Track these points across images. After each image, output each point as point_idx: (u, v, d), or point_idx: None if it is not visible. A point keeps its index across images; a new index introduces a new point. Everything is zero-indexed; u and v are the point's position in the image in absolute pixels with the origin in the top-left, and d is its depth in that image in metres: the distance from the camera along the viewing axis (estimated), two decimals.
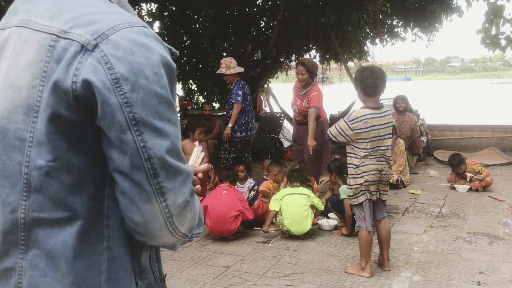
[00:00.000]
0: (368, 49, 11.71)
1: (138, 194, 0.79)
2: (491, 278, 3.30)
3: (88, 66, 0.76)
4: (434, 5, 9.51)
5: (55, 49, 0.79)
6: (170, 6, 9.74)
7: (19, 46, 0.83)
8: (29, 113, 0.79)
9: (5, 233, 0.82)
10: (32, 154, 0.79)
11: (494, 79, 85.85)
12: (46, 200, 0.80)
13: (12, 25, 0.87)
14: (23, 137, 0.79)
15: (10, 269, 0.82)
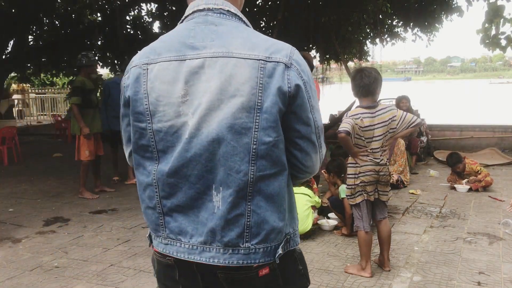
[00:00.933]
0: (368, 49, 11.74)
1: (311, 149, 1.30)
2: (491, 278, 3.29)
3: (294, 76, 1.21)
4: (434, 5, 9.52)
5: (265, 69, 1.19)
6: (170, 6, 9.75)
7: (229, 69, 1.19)
8: (250, 111, 1.18)
9: (238, 191, 1.21)
10: (259, 135, 1.19)
11: (494, 79, 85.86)
12: (268, 162, 1.22)
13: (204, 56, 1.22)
14: (247, 126, 1.18)
15: (240, 215, 1.22)
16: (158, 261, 1.40)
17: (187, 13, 1.35)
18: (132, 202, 5.81)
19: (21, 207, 5.62)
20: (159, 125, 1.25)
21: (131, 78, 1.30)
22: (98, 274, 3.50)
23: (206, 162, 1.21)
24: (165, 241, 1.33)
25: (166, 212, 1.30)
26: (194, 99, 1.21)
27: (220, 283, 1.27)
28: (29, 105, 18.73)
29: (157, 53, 1.28)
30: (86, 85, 5.89)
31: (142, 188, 1.36)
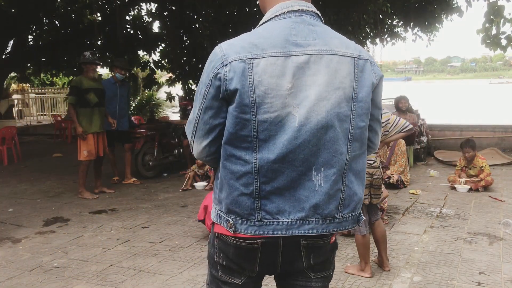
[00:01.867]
0: (368, 49, 11.71)
1: (379, 128, 1.57)
2: (491, 278, 3.29)
3: (377, 70, 1.48)
4: (434, 5, 9.51)
5: (358, 65, 1.42)
6: (170, 6, 9.73)
7: (334, 65, 1.39)
8: (349, 101, 1.40)
9: (339, 170, 1.43)
10: (355, 121, 1.42)
11: (493, 79, 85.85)
12: (359, 144, 1.46)
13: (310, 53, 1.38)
14: (347, 114, 1.41)
15: (338, 190, 1.44)
16: (238, 246, 1.52)
17: (278, 12, 1.46)
18: (131, 202, 5.81)
19: (21, 207, 5.61)
20: (265, 116, 1.36)
21: (236, 72, 1.37)
22: (98, 274, 3.50)
23: (312, 147, 1.38)
24: (259, 223, 1.46)
25: (263, 196, 1.43)
26: (299, 91, 1.36)
27: (298, 252, 1.49)
28: (29, 105, 18.72)
29: (260, 48, 1.37)
30: (83, 85, 5.89)
31: (235, 177, 1.45)
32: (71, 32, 11.64)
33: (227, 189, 1.49)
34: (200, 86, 1.46)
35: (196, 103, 1.47)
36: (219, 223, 1.54)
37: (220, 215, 1.53)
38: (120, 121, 6.65)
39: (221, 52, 1.43)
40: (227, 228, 1.50)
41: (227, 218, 1.50)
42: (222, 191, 1.51)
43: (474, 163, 6.27)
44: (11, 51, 12.20)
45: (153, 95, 16.69)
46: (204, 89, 1.44)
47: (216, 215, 1.55)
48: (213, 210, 1.58)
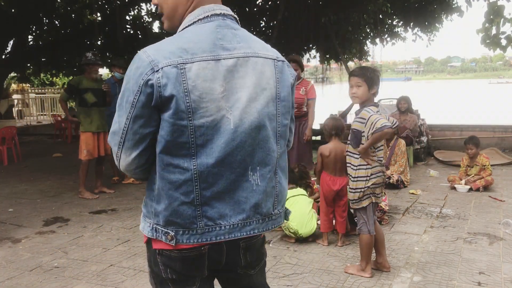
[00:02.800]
0: (368, 49, 11.74)
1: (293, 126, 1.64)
2: (491, 279, 3.29)
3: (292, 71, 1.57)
4: (434, 5, 9.51)
5: (278, 66, 1.51)
6: None
7: (259, 67, 1.45)
8: (274, 101, 1.48)
9: (272, 167, 1.49)
10: (281, 119, 1.51)
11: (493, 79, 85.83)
12: (284, 141, 1.55)
13: (236, 56, 1.41)
14: (274, 113, 1.48)
15: (273, 187, 1.51)
16: (184, 257, 1.49)
17: (201, 15, 1.45)
18: (131, 202, 5.81)
19: (21, 207, 5.61)
20: (201, 121, 1.36)
21: (170, 78, 1.34)
22: (98, 274, 3.50)
23: (248, 147, 1.42)
24: (201, 231, 1.44)
25: (204, 202, 1.42)
26: (231, 94, 1.39)
27: (238, 252, 1.53)
28: (29, 105, 18.72)
29: (190, 53, 1.36)
30: (82, 84, 5.91)
31: (174, 187, 1.41)
32: (71, 32, 11.64)
33: (166, 200, 1.44)
34: (125, 94, 1.38)
35: (122, 112, 1.39)
36: (156, 238, 1.47)
37: (157, 228, 1.46)
38: None
39: (148, 57, 1.36)
40: (167, 241, 1.45)
41: (166, 231, 1.45)
42: (159, 202, 1.44)
43: (477, 161, 6.27)
44: (11, 51, 12.21)
45: None
46: (132, 97, 1.36)
47: (152, 229, 1.47)
48: (145, 225, 1.50)
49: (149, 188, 1.49)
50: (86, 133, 5.93)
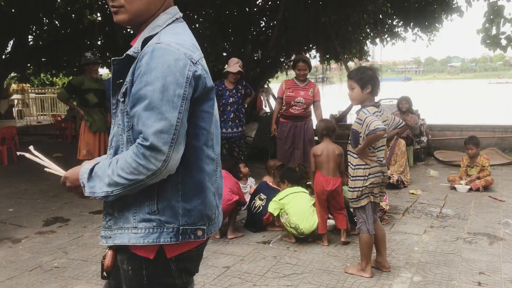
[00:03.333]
0: (368, 49, 11.72)
1: None
2: (491, 279, 3.29)
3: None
4: (434, 5, 9.51)
5: None
6: None
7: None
8: None
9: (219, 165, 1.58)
10: None
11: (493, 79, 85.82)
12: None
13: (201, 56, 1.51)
14: None
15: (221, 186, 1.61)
16: (198, 254, 1.57)
17: (176, 15, 1.55)
18: None
19: (21, 207, 5.61)
20: (214, 112, 1.52)
21: (205, 69, 1.46)
22: (98, 274, 3.50)
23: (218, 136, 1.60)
24: (216, 220, 1.56)
25: (217, 192, 1.58)
26: None
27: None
28: (29, 105, 18.72)
29: (197, 48, 1.49)
30: (84, 85, 5.92)
31: (209, 178, 1.51)
32: (71, 32, 11.64)
33: (202, 193, 1.46)
34: (170, 87, 1.34)
35: (168, 107, 1.33)
36: (182, 240, 1.44)
37: (185, 229, 1.44)
38: None
39: (179, 50, 1.38)
40: (196, 238, 1.46)
41: (197, 228, 1.46)
42: (192, 199, 1.45)
43: (477, 161, 6.26)
44: (11, 51, 12.20)
45: None
46: (182, 90, 1.35)
47: (177, 233, 1.43)
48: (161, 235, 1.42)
49: (169, 190, 1.43)
50: (87, 133, 5.94)
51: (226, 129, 6.46)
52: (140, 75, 1.36)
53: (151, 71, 1.34)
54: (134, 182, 1.36)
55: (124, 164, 1.35)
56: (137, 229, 1.43)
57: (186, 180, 1.44)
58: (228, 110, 6.38)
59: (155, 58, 1.34)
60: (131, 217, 1.44)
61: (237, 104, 6.40)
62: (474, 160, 6.29)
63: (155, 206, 1.43)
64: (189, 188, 1.44)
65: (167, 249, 1.44)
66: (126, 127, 1.46)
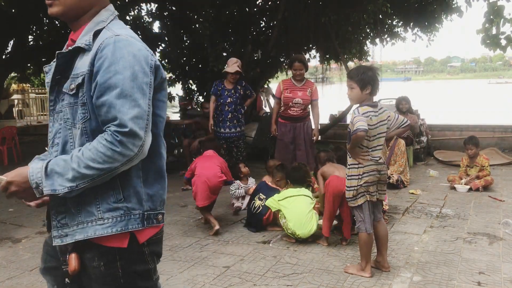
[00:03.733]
0: (368, 49, 11.71)
1: None
2: (491, 278, 3.29)
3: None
4: (434, 5, 9.50)
5: None
6: (170, 6, 9.73)
7: None
8: None
9: None
10: None
11: (492, 79, 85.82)
12: None
13: None
14: None
15: None
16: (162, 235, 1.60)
17: (115, 13, 1.59)
18: None
19: (21, 207, 5.61)
20: None
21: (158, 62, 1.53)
22: None
23: None
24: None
25: None
26: None
27: None
28: (29, 105, 18.71)
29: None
30: None
31: (164, 164, 1.58)
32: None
33: (162, 178, 1.56)
34: (138, 75, 1.41)
35: (140, 94, 1.40)
36: (147, 226, 1.50)
37: (149, 215, 1.50)
38: None
39: (138, 42, 1.48)
40: (158, 223, 1.53)
41: (158, 212, 1.53)
42: (153, 185, 1.52)
43: (477, 161, 6.27)
44: (11, 51, 12.19)
45: None
46: (148, 79, 1.44)
47: (142, 219, 1.48)
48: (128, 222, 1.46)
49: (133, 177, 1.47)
50: None
51: (224, 129, 6.46)
52: (107, 65, 1.38)
53: (118, 61, 1.38)
54: (106, 171, 1.36)
55: (95, 155, 1.35)
56: (103, 219, 1.44)
57: (148, 166, 1.49)
58: (226, 110, 6.39)
59: (120, 49, 1.40)
60: (94, 209, 1.45)
61: (235, 104, 6.41)
62: (474, 160, 6.29)
63: (120, 194, 1.45)
64: (151, 174, 1.50)
65: (138, 235, 1.48)
66: (81, 119, 1.45)
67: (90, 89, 1.42)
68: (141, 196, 1.48)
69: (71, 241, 1.47)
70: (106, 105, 1.37)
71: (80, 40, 1.50)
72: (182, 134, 8.16)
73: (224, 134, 6.50)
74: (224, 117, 6.42)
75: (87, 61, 1.44)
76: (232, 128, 6.47)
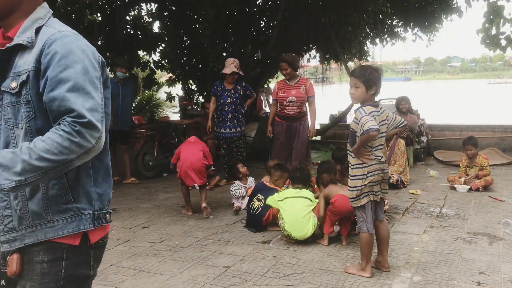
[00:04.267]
0: (368, 49, 11.72)
1: None
2: (491, 278, 3.29)
3: None
4: (434, 5, 9.51)
5: None
6: (170, 6, 9.73)
7: None
8: None
9: None
10: None
11: (492, 79, 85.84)
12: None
13: None
14: None
15: None
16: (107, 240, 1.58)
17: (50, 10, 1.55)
18: (132, 202, 5.81)
19: None
20: None
21: None
22: (98, 274, 3.48)
23: None
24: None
25: None
26: None
27: None
28: None
29: None
30: None
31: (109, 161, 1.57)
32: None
33: (109, 176, 1.54)
34: (89, 69, 1.39)
35: (93, 87, 1.38)
36: (97, 226, 1.48)
37: (99, 214, 1.48)
38: (122, 120, 6.67)
39: (83, 38, 1.48)
40: (107, 222, 1.52)
41: (106, 211, 1.52)
42: (103, 183, 1.50)
43: (476, 161, 6.27)
44: None
45: (153, 95, 16.68)
46: (98, 73, 1.44)
47: (94, 218, 1.47)
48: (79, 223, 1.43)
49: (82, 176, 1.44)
50: None
51: (224, 129, 6.47)
52: (57, 59, 1.36)
53: (67, 55, 1.36)
54: (60, 163, 1.29)
55: (50, 145, 1.27)
56: (53, 221, 1.40)
57: (97, 164, 1.47)
58: (226, 110, 6.39)
59: (68, 44, 1.39)
60: (42, 212, 1.40)
61: (235, 105, 6.41)
62: (473, 160, 6.29)
63: (69, 195, 1.41)
64: (100, 173, 1.49)
65: (90, 235, 1.47)
66: (25, 118, 1.39)
67: (36, 86, 1.38)
68: (92, 196, 1.45)
69: (20, 246, 1.41)
70: (58, 99, 1.32)
71: (19, 37, 1.45)
72: (182, 134, 8.15)
73: (224, 134, 6.50)
74: (224, 117, 6.42)
75: (30, 58, 1.40)
76: (233, 128, 6.48)
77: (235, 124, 6.47)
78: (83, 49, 1.41)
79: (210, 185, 6.53)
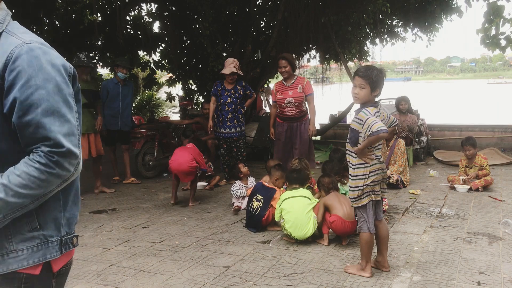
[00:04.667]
0: (368, 49, 11.72)
1: None
2: (491, 278, 3.29)
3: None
4: (434, 5, 9.52)
5: None
6: (170, 6, 9.73)
7: None
8: None
9: None
10: None
11: (492, 79, 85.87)
12: None
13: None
14: None
15: None
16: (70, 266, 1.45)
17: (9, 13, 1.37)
18: (132, 202, 5.81)
19: None
20: None
21: None
22: (98, 274, 3.50)
23: None
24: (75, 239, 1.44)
25: None
26: None
27: None
28: None
29: None
30: None
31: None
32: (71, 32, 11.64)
33: (77, 199, 1.41)
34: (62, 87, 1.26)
35: (68, 109, 1.26)
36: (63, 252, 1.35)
37: (66, 240, 1.36)
38: (122, 121, 6.67)
39: (51, 49, 1.30)
40: (73, 246, 1.39)
41: (73, 235, 1.39)
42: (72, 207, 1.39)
43: (475, 161, 6.28)
44: None
45: (153, 95, 16.70)
46: (70, 89, 1.31)
47: (60, 245, 1.33)
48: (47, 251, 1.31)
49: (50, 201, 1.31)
50: None
51: (224, 129, 6.48)
52: (25, 79, 1.21)
53: (36, 73, 1.22)
54: (40, 196, 1.22)
55: (26, 180, 1.19)
56: (17, 251, 1.27)
57: (69, 188, 1.36)
58: (226, 110, 6.40)
59: (36, 59, 1.24)
60: (5, 241, 1.26)
61: (235, 105, 6.42)
62: (472, 160, 6.30)
63: (35, 222, 1.29)
64: (70, 195, 1.38)
65: (53, 263, 1.34)
66: None
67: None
68: (60, 221, 1.33)
69: None
70: (32, 125, 1.20)
71: None
72: (182, 134, 8.16)
73: (224, 134, 6.51)
74: (224, 117, 6.43)
75: None
76: (232, 128, 6.48)
77: (235, 124, 6.48)
78: (53, 63, 1.26)
79: (210, 185, 6.54)
